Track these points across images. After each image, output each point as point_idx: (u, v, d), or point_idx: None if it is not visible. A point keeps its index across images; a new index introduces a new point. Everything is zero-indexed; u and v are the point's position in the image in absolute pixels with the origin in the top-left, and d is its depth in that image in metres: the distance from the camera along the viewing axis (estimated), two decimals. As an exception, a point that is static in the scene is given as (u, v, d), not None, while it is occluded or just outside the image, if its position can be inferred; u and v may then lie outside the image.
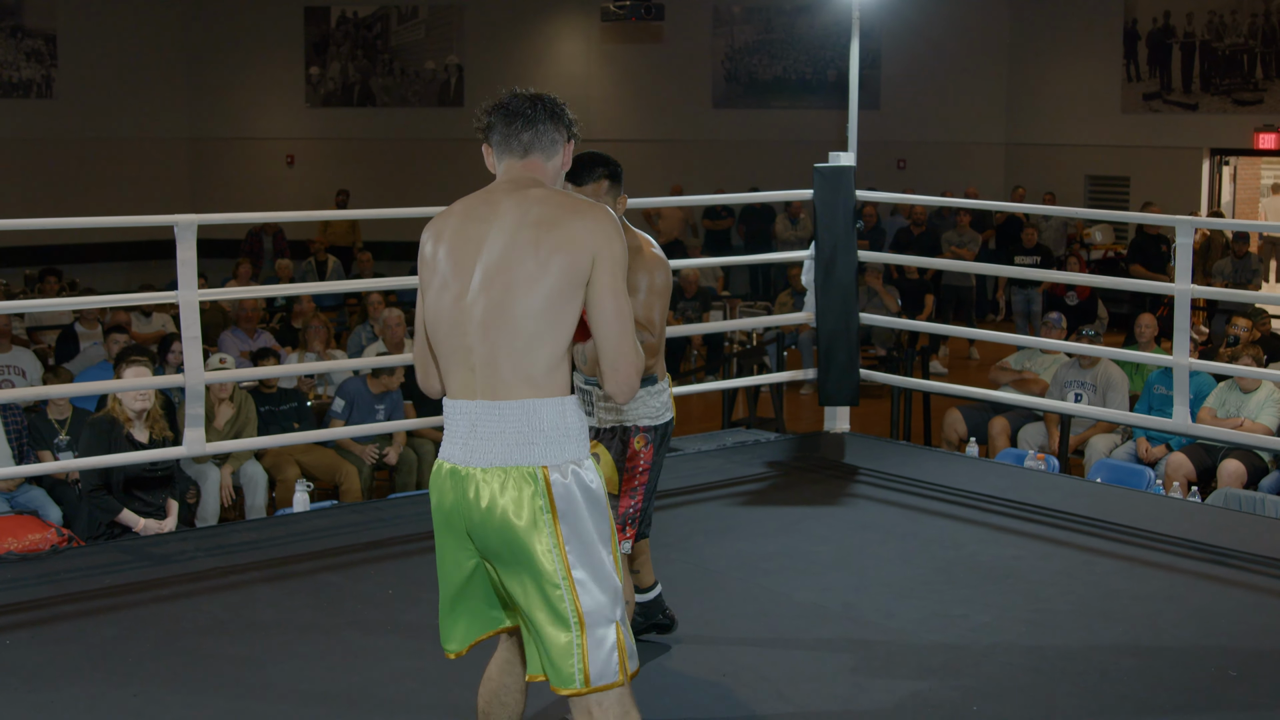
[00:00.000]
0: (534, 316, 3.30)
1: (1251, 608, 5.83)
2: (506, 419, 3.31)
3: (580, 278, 3.31)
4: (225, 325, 12.35)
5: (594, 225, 3.34)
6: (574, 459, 3.34)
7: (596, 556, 3.32)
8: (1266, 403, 9.20)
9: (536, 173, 3.54)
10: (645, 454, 4.81)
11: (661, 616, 5.29)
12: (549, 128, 3.56)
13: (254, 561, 6.29)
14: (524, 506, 3.29)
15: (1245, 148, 20.48)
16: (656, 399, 4.84)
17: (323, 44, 23.56)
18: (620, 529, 4.69)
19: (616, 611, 3.33)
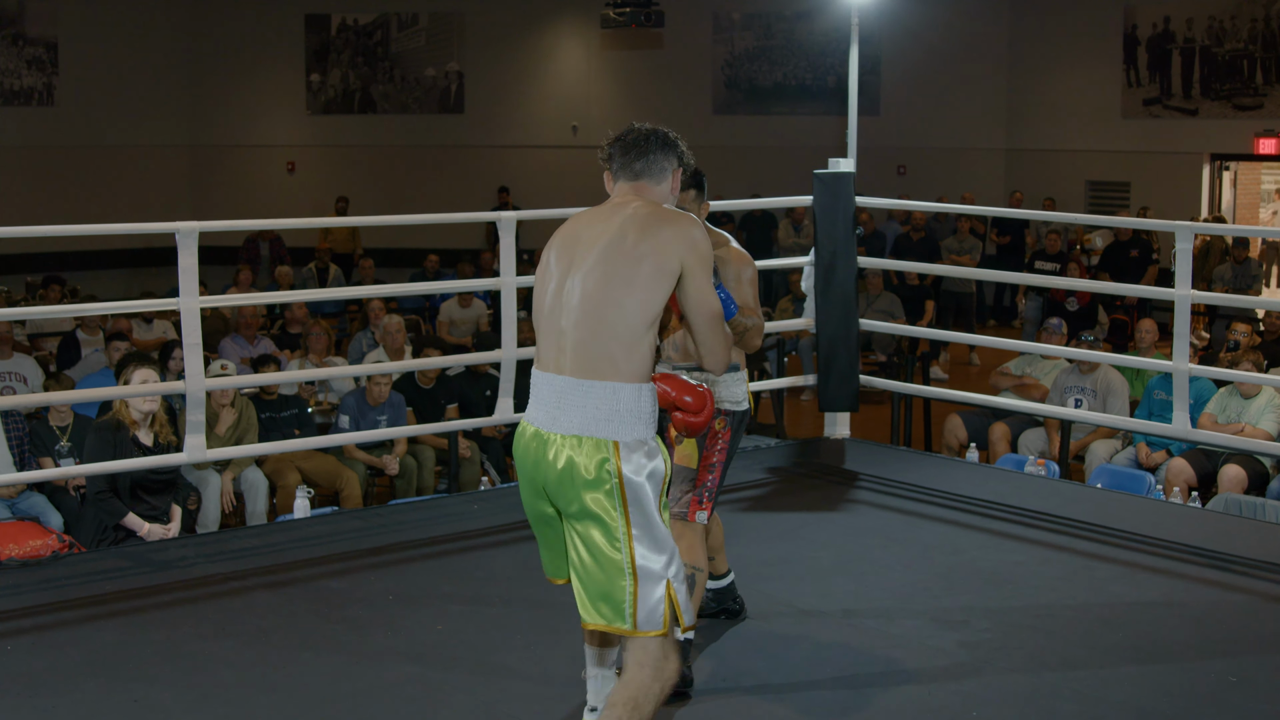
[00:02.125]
0: (622, 310, 3.81)
1: (1252, 613, 5.83)
2: (590, 395, 3.80)
3: (668, 278, 3.84)
4: (226, 332, 12.35)
5: (682, 233, 3.88)
6: (642, 438, 3.81)
7: (653, 522, 3.80)
8: (1267, 408, 9.19)
9: (644, 194, 4.07)
10: (724, 435, 5.22)
11: (732, 602, 5.63)
12: (659, 157, 4.10)
13: (255, 568, 6.29)
14: (594, 471, 3.77)
15: (1245, 153, 20.48)
16: (738, 386, 5.26)
17: (323, 51, 23.57)
18: (698, 500, 5.12)
19: (670, 570, 3.82)
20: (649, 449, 3.83)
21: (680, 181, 4.19)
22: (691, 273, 3.86)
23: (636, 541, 3.79)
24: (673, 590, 3.82)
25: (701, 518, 5.15)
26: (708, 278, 3.91)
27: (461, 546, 6.66)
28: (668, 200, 4.11)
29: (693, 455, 5.19)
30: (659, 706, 3.84)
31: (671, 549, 3.84)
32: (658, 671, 3.83)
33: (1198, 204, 20.48)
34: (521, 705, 4.85)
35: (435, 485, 9.85)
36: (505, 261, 7.57)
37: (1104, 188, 21.63)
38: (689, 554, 5.07)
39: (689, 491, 5.17)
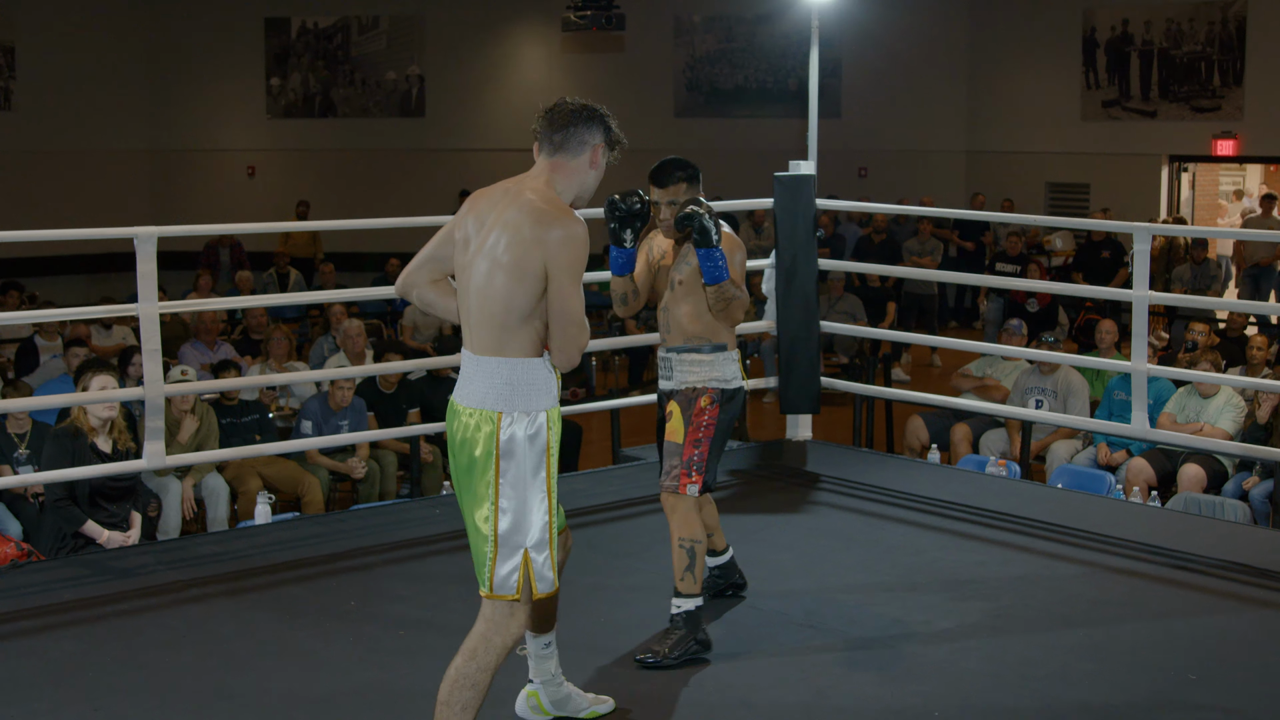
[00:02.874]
0: (501, 301, 4.04)
1: (1211, 611, 5.87)
2: (483, 370, 4.07)
3: (531, 278, 4.02)
4: (186, 338, 12.29)
5: (545, 237, 4.02)
6: (526, 410, 4.04)
7: (524, 492, 4.04)
8: (1225, 408, 9.25)
9: (559, 169, 4.23)
10: (710, 411, 5.39)
11: (738, 576, 5.88)
12: (579, 130, 4.25)
13: (215, 574, 6.26)
14: (480, 442, 4.04)
15: (1203, 154, 20.62)
16: (728, 366, 5.45)
17: (283, 55, 23.50)
18: (686, 474, 5.29)
19: (529, 540, 4.05)
20: (532, 420, 4.05)
21: (602, 157, 4.31)
22: (553, 275, 4.02)
23: (502, 511, 4.04)
24: (529, 559, 4.06)
25: (692, 490, 5.29)
26: (571, 280, 4.04)
27: (424, 551, 6.64)
28: (584, 173, 4.26)
29: (679, 430, 5.38)
30: (500, 660, 4.10)
31: (541, 521, 4.07)
32: (500, 628, 4.07)
33: (1157, 205, 20.61)
34: (484, 710, 4.83)
35: (398, 490, 9.82)
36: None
37: (1064, 189, 21.74)
38: (684, 527, 5.27)
39: (677, 466, 5.33)
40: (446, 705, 4.07)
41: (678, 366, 5.48)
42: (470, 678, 4.07)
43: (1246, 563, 6.40)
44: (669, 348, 5.51)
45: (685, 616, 5.25)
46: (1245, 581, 6.21)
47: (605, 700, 4.75)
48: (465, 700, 4.07)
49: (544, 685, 4.64)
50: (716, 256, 5.25)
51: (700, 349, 5.44)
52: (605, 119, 4.32)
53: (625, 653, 5.27)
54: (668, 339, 5.51)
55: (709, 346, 5.44)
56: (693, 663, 5.18)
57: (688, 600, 5.26)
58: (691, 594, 5.26)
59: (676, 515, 5.30)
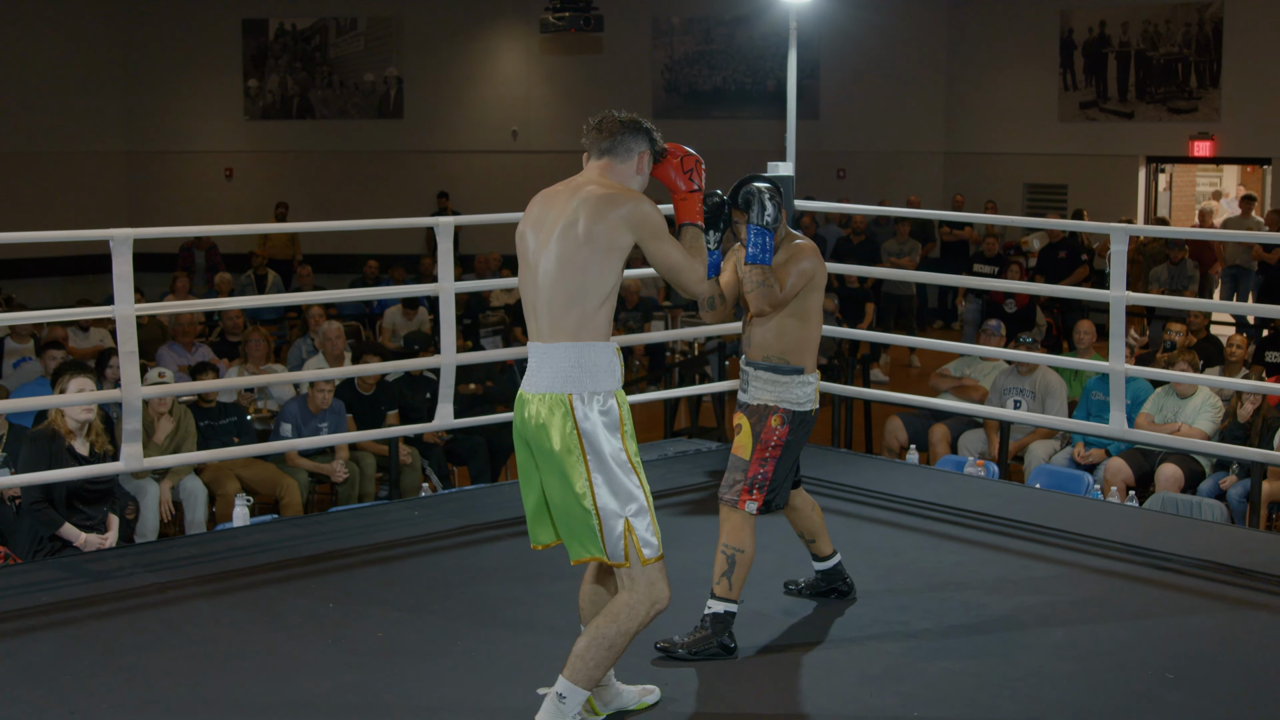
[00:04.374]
0: (576, 285, 4.30)
1: (1188, 610, 5.89)
2: (553, 356, 4.31)
3: (618, 253, 4.31)
4: (164, 340, 12.26)
5: (629, 212, 4.32)
6: (595, 390, 4.29)
7: (610, 467, 4.27)
8: (1203, 408, 9.28)
9: (609, 171, 4.49)
10: (780, 432, 5.44)
11: (841, 583, 5.94)
12: (625, 139, 4.50)
13: (193, 577, 6.24)
14: (558, 423, 4.28)
15: (1181, 155, 20.69)
16: (802, 389, 5.48)
17: (261, 56, 23.45)
18: (748, 491, 5.40)
19: (628, 509, 4.28)
20: (601, 399, 4.29)
21: (648, 164, 4.55)
22: (645, 242, 4.36)
23: (596, 486, 4.27)
24: (630, 526, 4.29)
25: (750, 507, 5.39)
26: (659, 241, 4.37)
27: (402, 553, 6.64)
28: (632, 179, 4.50)
29: (746, 446, 5.45)
30: (641, 626, 4.34)
31: (635, 489, 4.30)
32: (644, 596, 4.33)
33: (1134, 206, 20.67)
34: (461, 711, 4.84)
35: (376, 492, 9.81)
36: (443, 267, 7.54)
37: (1042, 190, 21.80)
38: (732, 535, 5.38)
39: (740, 481, 5.41)
40: (580, 658, 4.30)
41: (753, 382, 5.52)
42: (609, 639, 4.30)
43: (1223, 562, 6.43)
44: (748, 360, 5.56)
45: (713, 618, 5.32)
46: (1222, 581, 6.23)
47: (652, 690, 4.91)
48: (599, 659, 4.30)
49: (597, 689, 4.73)
50: (765, 236, 5.26)
51: (778, 369, 5.46)
52: (650, 130, 4.56)
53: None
54: (748, 353, 5.57)
55: (786, 367, 5.46)
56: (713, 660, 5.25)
57: (720, 603, 5.33)
58: (725, 598, 5.33)
59: (728, 524, 5.40)
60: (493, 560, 6.54)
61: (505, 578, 6.25)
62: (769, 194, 5.27)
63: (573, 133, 16.42)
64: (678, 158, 4.66)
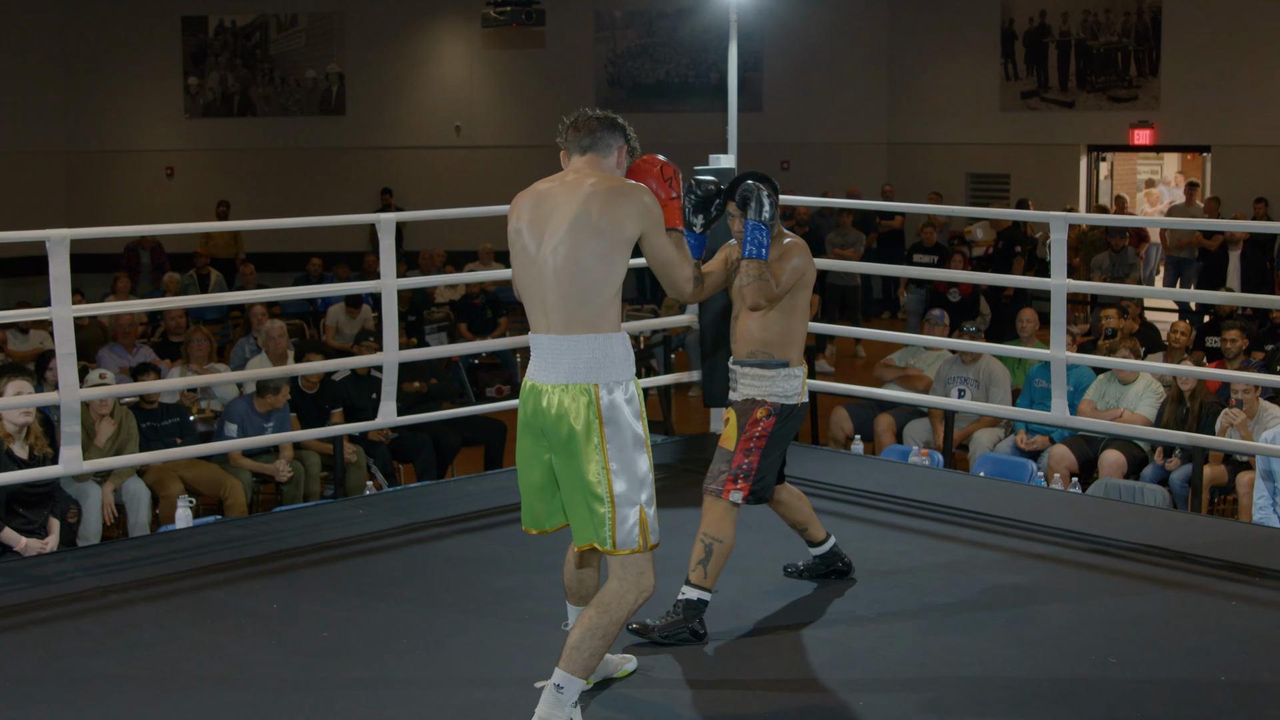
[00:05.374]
0: (592, 276, 4.39)
1: (1131, 595, 5.93)
2: (573, 348, 4.40)
3: (626, 244, 4.41)
4: (105, 341, 12.16)
5: (637, 203, 4.42)
6: (618, 379, 4.41)
7: (629, 455, 4.39)
8: (1144, 394, 9.35)
9: (595, 166, 4.60)
10: (765, 423, 5.52)
11: (839, 563, 6.07)
12: (605, 135, 4.62)
13: (136, 580, 6.19)
14: (580, 412, 4.37)
15: (1121, 144, 20.84)
16: (789, 382, 5.55)
17: (201, 53, 23.29)
18: (732, 480, 5.49)
19: (643, 497, 4.41)
20: (624, 387, 4.42)
21: (626, 159, 4.66)
22: (647, 234, 4.45)
23: (614, 473, 4.38)
24: (644, 514, 4.42)
25: (735, 496, 5.47)
26: (659, 234, 4.47)
27: (347, 552, 6.60)
28: (615, 172, 4.62)
29: (732, 438, 5.55)
30: (630, 613, 4.44)
31: (644, 478, 4.43)
32: (634, 584, 4.43)
33: (1076, 194, 20.80)
34: (408, 710, 4.82)
35: (321, 491, 9.76)
36: (385, 264, 7.50)
37: (984, 180, 21.91)
38: (713, 525, 5.46)
39: (725, 472, 5.50)
40: (576, 649, 4.37)
41: (741, 379, 5.62)
42: (602, 629, 4.39)
43: (1165, 546, 6.47)
44: (735, 360, 5.66)
45: (685, 604, 5.39)
46: (1164, 564, 6.28)
47: (629, 659, 5.13)
48: (594, 648, 4.38)
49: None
50: (762, 232, 5.37)
51: (765, 364, 5.55)
52: (624, 127, 4.67)
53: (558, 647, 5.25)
54: (735, 350, 5.67)
55: (773, 361, 5.55)
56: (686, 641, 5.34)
57: (694, 590, 5.41)
58: (699, 585, 5.41)
59: (710, 515, 5.48)
60: (438, 558, 6.52)
61: (450, 575, 6.23)
62: (766, 192, 5.39)
63: (516, 127, 16.45)
64: (657, 166, 4.72)
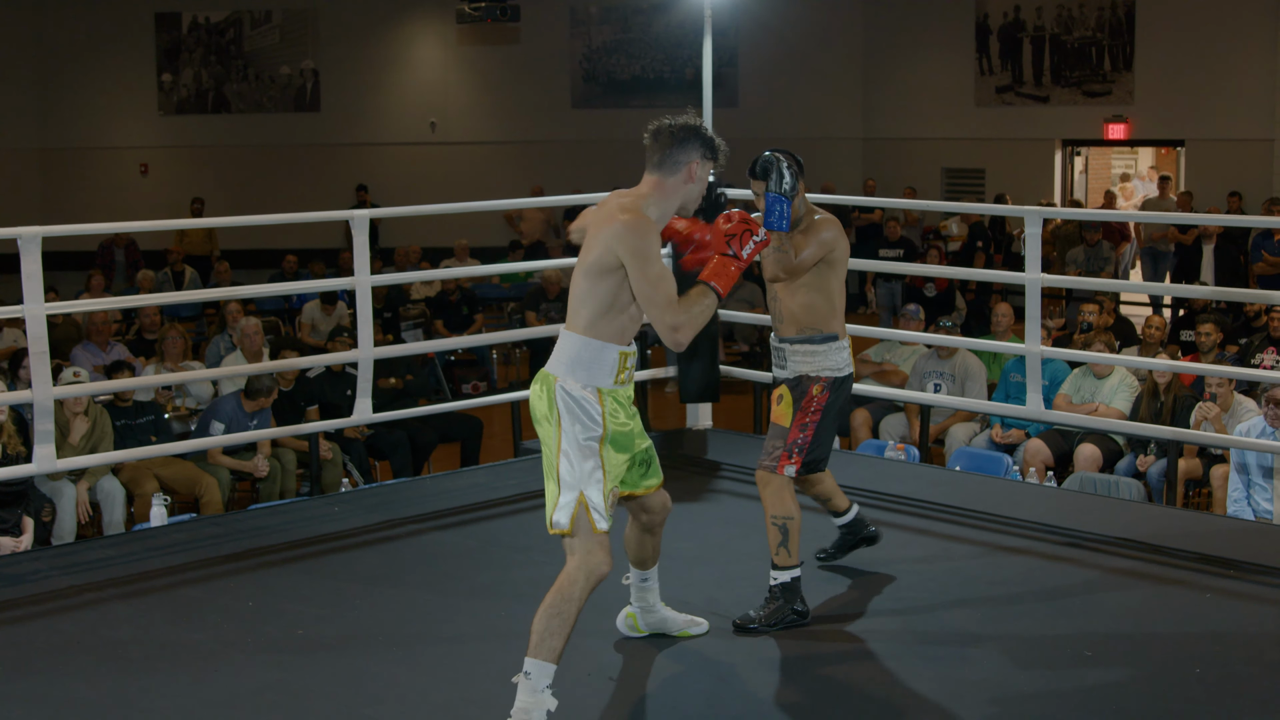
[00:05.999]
0: (583, 291, 4.60)
1: (1106, 588, 5.94)
2: (563, 341, 4.66)
3: (609, 271, 4.53)
4: (78, 339, 12.11)
5: (615, 232, 4.50)
6: (588, 382, 4.58)
7: (579, 446, 4.56)
8: (1119, 388, 9.38)
9: (657, 186, 4.67)
10: (820, 398, 5.56)
11: (866, 531, 6.14)
12: (674, 151, 4.65)
13: (110, 579, 6.17)
14: (545, 398, 4.63)
15: (1096, 138, 20.90)
16: (839, 354, 5.61)
17: (175, 50, 23.20)
18: (787, 455, 5.51)
19: (584, 484, 4.54)
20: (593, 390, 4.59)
21: (700, 171, 4.68)
22: (626, 262, 4.48)
23: (564, 454, 4.56)
24: (585, 499, 4.54)
25: (789, 471, 5.50)
26: (639, 265, 4.46)
27: (322, 549, 6.59)
28: (680, 189, 4.67)
29: (787, 415, 5.55)
30: (585, 592, 4.51)
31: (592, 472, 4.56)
32: (583, 564, 4.53)
33: (1051, 189, 20.85)
34: (385, 707, 4.81)
35: (298, 488, 9.74)
36: (359, 260, 7.48)
37: (960, 175, 21.96)
38: (775, 504, 5.49)
39: (779, 447, 5.52)
40: (535, 633, 4.48)
41: (791, 356, 5.62)
42: (557, 608, 4.47)
43: (1141, 540, 6.48)
44: (781, 338, 5.67)
45: (781, 588, 5.44)
46: (1139, 558, 6.29)
47: (699, 623, 5.35)
48: (552, 628, 4.46)
49: (642, 611, 5.29)
50: (783, 203, 5.31)
51: (813, 339, 5.58)
52: (700, 134, 4.67)
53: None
54: (780, 329, 5.67)
55: (820, 336, 5.58)
56: (792, 628, 5.40)
57: (784, 573, 5.45)
58: (788, 566, 5.46)
59: (768, 491, 5.51)
60: (414, 555, 6.50)
61: (426, 573, 6.21)
62: (786, 163, 5.39)
63: (492, 124, 16.47)
64: (732, 221, 4.67)
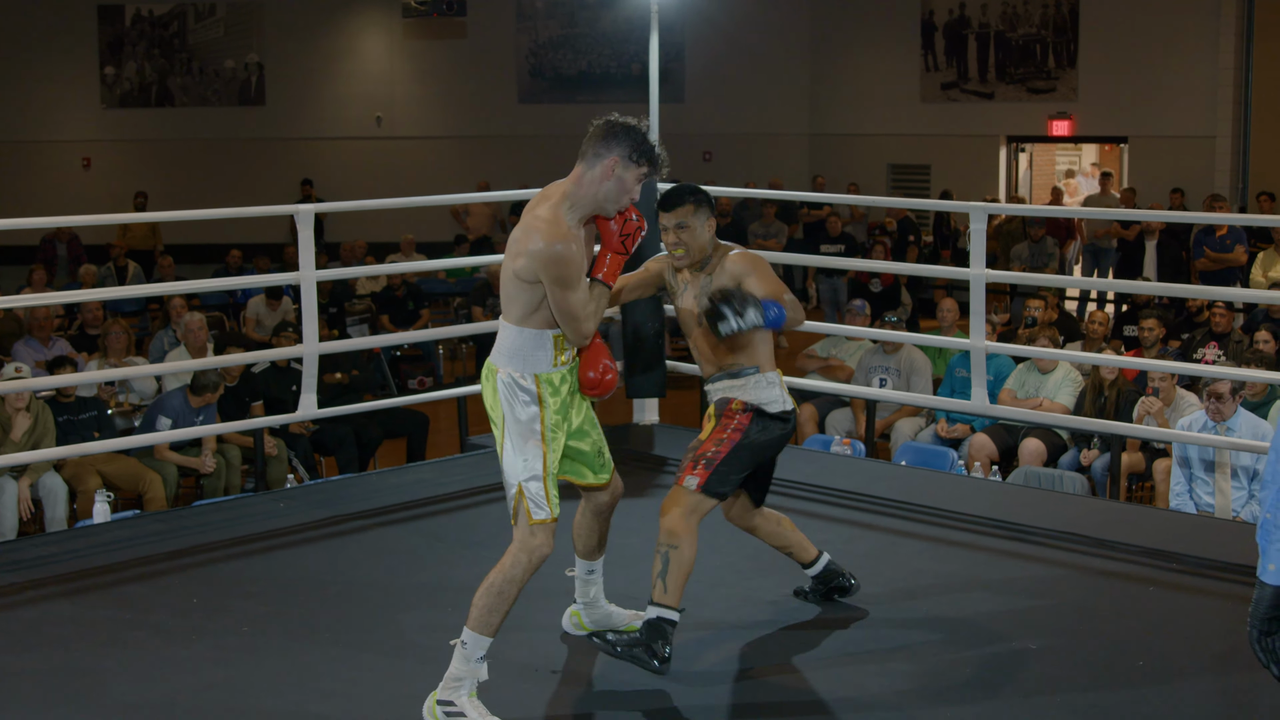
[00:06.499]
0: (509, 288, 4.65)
1: (1050, 582, 5.99)
2: (500, 333, 4.72)
3: (524, 281, 4.58)
4: (20, 334, 12.00)
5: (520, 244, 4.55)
6: (519, 370, 4.65)
7: (519, 435, 4.65)
8: (1063, 383, 9.45)
9: (575, 177, 4.67)
10: (741, 418, 5.19)
11: (839, 579, 5.68)
12: (595, 144, 4.64)
13: (53, 575, 6.12)
14: (489, 391, 4.72)
15: (1040, 135, 21.03)
16: (764, 390, 5.23)
17: (118, 43, 23.01)
18: (691, 465, 5.15)
19: (523, 475, 4.63)
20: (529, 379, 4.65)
21: (620, 169, 4.60)
22: (545, 283, 4.53)
23: (505, 449, 4.67)
24: (522, 490, 4.62)
25: (690, 481, 5.09)
26: (561, 287, 4.51)
27: (268, 545, 6.56)
28: (596, 184, 4.61)
29: (707, 430, 5.25)
30: (524, 574, 4.62)
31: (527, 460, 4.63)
32: (523, 546, 4.64)
33: (995, 185, 20.97)
34: (331, 703, 4.79)
35: (242, 484, 9.69)
36: (304, 255, 7.44)
37: (905, 170, 22.05)
38: (670, 529, 5.01)
39: (688, 457, 5.18)
40: (475, 606, 4.59)
41: (714, 396, 5.29)
42: (496, 586, 4.60)
43: (1084, 534, 6.54)
44: (705, 379, 5.35)
45: (647, 625, 4.91)
46: (1083, 552, 6.34)
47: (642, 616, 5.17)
48: (490, 605, 4.58)
49: (585, 606, 5.30)
50: (770, 314, 4.96)
51: (734, 373, 5.24)
52: (630, 134, 4.63)
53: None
54: (704, 371, 5.35)
55: (743, 370, 5.23)
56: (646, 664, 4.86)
57: (653, 609, 4.93)
58: (659, 603, 4.93)
59: (668, 514, 5.04)
60: (360, 551, 6.48)
61: (372, 569, 6.19)
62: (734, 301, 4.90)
63: (438, 118, 16.41)
64: (623, 219, 4.71)
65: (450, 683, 4.58)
